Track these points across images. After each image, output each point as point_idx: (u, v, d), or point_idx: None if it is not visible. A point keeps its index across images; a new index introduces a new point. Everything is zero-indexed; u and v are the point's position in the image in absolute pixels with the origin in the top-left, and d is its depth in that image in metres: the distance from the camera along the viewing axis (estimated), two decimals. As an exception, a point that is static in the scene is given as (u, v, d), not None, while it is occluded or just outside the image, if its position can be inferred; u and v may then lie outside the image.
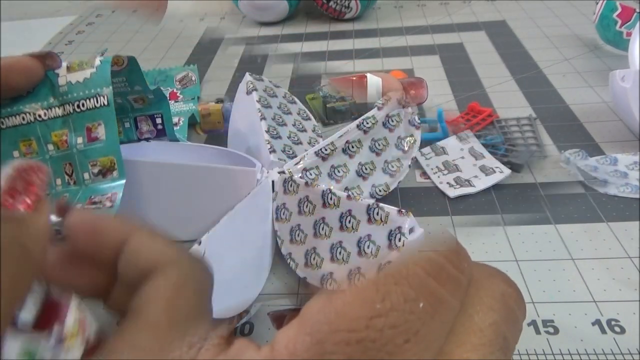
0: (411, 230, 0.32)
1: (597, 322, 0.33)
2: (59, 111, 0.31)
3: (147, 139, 0.46)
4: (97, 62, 0.33)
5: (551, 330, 0.33)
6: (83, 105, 0.31)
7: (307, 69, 0.72)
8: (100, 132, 0.31)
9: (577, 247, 0.39)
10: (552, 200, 0.44)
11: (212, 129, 0.55)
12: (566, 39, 0.74)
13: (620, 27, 0.64)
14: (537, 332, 0.33)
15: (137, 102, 0.44)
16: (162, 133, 0.46)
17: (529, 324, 0.33)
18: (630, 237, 0.39)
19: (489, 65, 0.68)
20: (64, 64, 0.32)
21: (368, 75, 0.55)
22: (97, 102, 0.31)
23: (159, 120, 0.45)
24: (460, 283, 0.13)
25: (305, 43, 0.82)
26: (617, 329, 0.32)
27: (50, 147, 0.32)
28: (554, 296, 0.35)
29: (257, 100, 0.47)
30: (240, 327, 0.35)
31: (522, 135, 0.52)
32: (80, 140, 0.32)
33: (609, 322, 0.33)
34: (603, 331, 0.32)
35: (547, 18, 0.82)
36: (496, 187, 0.44)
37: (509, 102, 0.59)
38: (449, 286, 0.13)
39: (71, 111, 0.31)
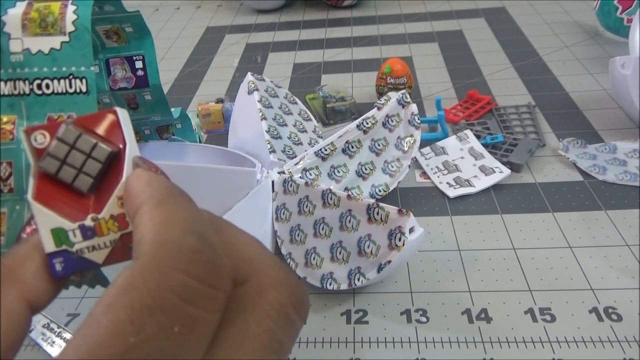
0: (411, 230, 0.32)
1: (594, 310, 0.33)
2: (4, 88, 0.22)
3: (123, 89, 0.35)
4: (70, 25, 0.22)
5: (548, 318, 0.33)
6: (47, 87, 0.22)
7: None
8: None
9: (574, 235, 0.39)
10: (549, 188, 0.44)
11: (212, 129, 0.55)
12: (566, 25, 0.73)
13: (621, 13, 0.63)
14: (534, 320, 0.33)
15: (109, 38, 0.33)
16: (143, 82, 0.35)
17: (525, 312, 0.33)
18: (629, 224, 0.39)
19: (489, 53, 0.68)
20: (18, 18, 0.21)
21: None
22: (70, 86, 0.22)
23: (139, 65, 0.34)
24: (215, 298, 0.13)
25: (302, 31, 0.81)
26: (614, 316, 0.32)
27: None
28: (551, 284, 0.35)
29: (258, 100, 0.46)
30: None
31: (521, 124, 0.52)
32: None
33: (606, 309, 0.33)
34: (600, 319, 0.32)
35: (548, 4, 0.81)
36: (496, 187, 0.44)
37: (508, 89, 0.59)
38: (203, 305, 0.13)
39: (25, 92, 0.22)
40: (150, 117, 0.39)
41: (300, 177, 0.40)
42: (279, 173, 0.41)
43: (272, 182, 0.40)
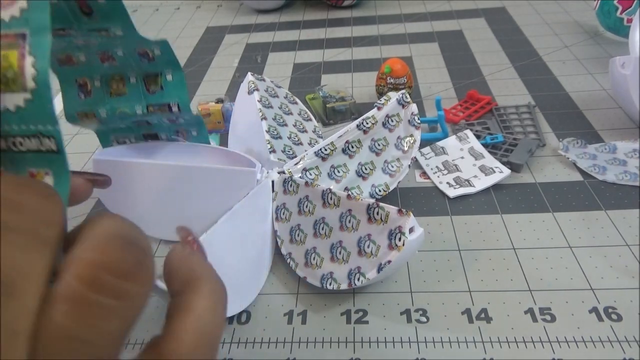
0: (411, 230, 0.31)
1: (594, 310, 0.33)
2: None
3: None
4: (30, 81, 0.20)
5: (548, 317, 0.33)
6: (21, 144, 0.21)
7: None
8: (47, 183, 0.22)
9: (574, 235, 0.39)
10: (549, 188, 0.44)
11: (212, 129, 0.55)
12: (566, 25, 0.73)
13: (621, 13, 0.63)
14: (534, 319, 0.33)
15: (150, 85, 0.37)
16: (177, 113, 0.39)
17: (525, 312, 0.33)
18: (629, 224, 0.39)
19: (489, 53, 0.68)
20: None
21: None
22: (41, 144, 0.21)
23: (174, 109, 0.38)
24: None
25: (302, 31, 0.81)
26: (614, 316, 0.32)
27: None
28: (552, 284, 0.35)
29: (258, 100, 0.46)
30: (237, 316, 0.35)
31: (521, 124, 0.52)
32: None
33: (606, 309, 0.33)
34: (600, 319, 0.32)
35: (547, 4, 0.81)
36: (496, 187, 0.44)
37: (508, 89, 0.59)
38: None
39: (4, 148, 0.21)
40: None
41: (300, 177, 0.40)
42: (279, 173, 0.41)
43: (272, 182, 0.40)
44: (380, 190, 0.42)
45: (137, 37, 0.36)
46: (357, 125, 0.42)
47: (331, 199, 0.36)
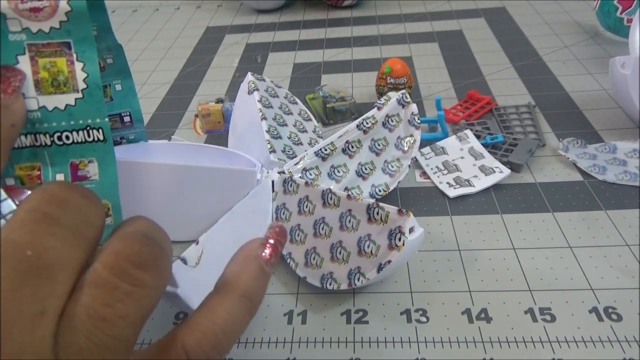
0: (411, 230, 0.31)
1: (594, 310, 0.33)
2: (25, 140, 0.23)
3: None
4: (82, 83, 0.23)
5: (548, 318, 0.33)
6: (67, 138, 0.24)
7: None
8: (92, 170, 0.24)
9: (574, 235, 0.39)
10: (549, 188, 0.44)
11: (212, 129, 0.55)
12: (566, 25, 0.73)
13: (621, 13, 0.63)
14: (534, 319, 0.33)
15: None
16: (130, 126, 0.38)
17: (525, 312, 0.33)
18: (629, 224, 0.39)
19: (489, 53, 0.68)
20: (30, 79, 0.23)
21: None
22: (89, 135, 0.24)
23: (127, 119, 0.37)
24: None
25: (302, 31, 0.81)
26: (614, 316, 0.32)
27: (10, 181, 0.24)
28: (551, 284, 0.35)
29: (258, 100, 0.46)
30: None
31: (521, 124, 0.52)
32: (60, 177, 0.25)
33: (606, 309, 0.33)
34: (600, 319, 0.32)
35: (547, 4, 0.81)
36: (496, 187, 0.44)
37: (509, 89, 0.59)
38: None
39: (47, 143, 0.24)
40: None
41: (300, 177, 0.40)
42: (279, 173, 0.41)
43: (272, 182, 0.40)
44: (380, 190, 0.42)
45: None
46: (357, 125, 0.42)
47: (331, 199, 0.36)
